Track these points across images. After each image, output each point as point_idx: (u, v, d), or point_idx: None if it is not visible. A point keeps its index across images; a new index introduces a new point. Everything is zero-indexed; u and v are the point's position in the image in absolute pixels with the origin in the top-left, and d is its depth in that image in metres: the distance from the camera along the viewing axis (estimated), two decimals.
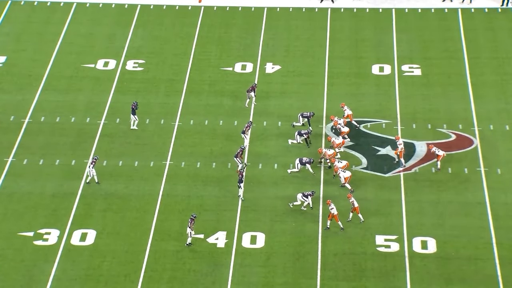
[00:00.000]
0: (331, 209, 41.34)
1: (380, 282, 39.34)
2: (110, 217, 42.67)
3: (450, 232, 41.84)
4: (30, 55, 53.67)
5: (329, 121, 48.16)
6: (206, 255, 40.55)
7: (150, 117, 48.72)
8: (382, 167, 45.62)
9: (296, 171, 44.79)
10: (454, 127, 47.97)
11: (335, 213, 41.26)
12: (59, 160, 46.04)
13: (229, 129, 48.02)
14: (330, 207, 41.43)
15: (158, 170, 45.31)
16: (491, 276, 39.62)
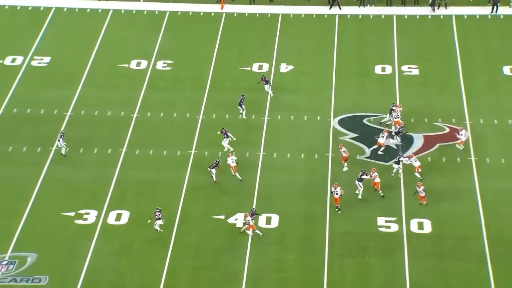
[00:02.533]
0: (375, 177, 41.61)
1: (381, 259, 39.36)
2: (142, 200, 42.70)
3: (444, 214, 41.74)
4: (72, 56, 53.73)
5: (338, 115, 48.04)
6: (226, 234, 40.61)
7: (177, 111, 48.75)
8: (383, 156, 45.47)
9: None
10: (448, 121, 47.74)
11: (378, 181, 41.68)
12: (97, 149, 46.11)
13: (248, 122, 47.92)
14: (374, 174, 41.70)
15: (184, 159, 45.33)
16: (479, 253, 39.53)
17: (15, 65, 52.70)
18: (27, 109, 48.97)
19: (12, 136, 46.91)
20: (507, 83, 50.95)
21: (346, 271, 38.83)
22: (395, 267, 38.88)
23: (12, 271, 38.63)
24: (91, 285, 38.18)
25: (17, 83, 51.14)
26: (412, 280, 38.30)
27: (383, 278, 38.50)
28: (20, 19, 56.85)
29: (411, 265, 38.84)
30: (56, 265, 39.04)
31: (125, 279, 38.47)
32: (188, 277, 38.54)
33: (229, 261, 39.10)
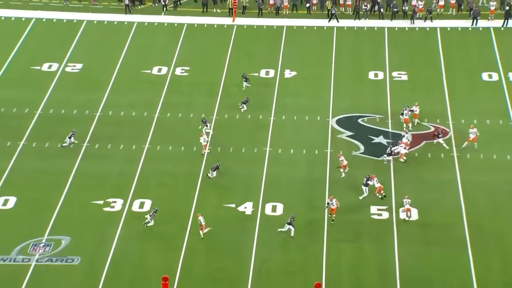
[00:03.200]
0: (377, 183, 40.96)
1: (374, 243, 39.12)
2: (162, 190, 42.52)
3: (429, 203, 41.51)
4: (101, 62, 53.71)
5: (336, 115, 47.91)
6: (237, 220, 40.61)
7: (194, 112, 48.65)
8: (376, 152, 45.35)
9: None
10: (433, 121, 47.66)
11: (378, 186, 40.94)
12: (123, 145, 46.05)
13: (256, 121, 47.91)
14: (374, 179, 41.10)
15: (199, 154, 45.18)
16: (461, 238, 39.40)
17: (51, 71, 52.78)
18: (61, 110, 49.05)
19: (49, 133, 46.98)
20: (485, 88, 50.84)
21: (342, 254, 38.61)
22: (386, 250, 38.65)
23: (48, 252, 38.74)
24: (118, 265, 38.01)
25: (53, 87, 51.21)
26: (401, 262, 38.04)
27: (375, 260, 38.25)
28: (56, 30, 56.89)
29: (400, 249, 38.59)
30: (87, 247, 39.07)
31: (148, 259, 38.25)
32: (203, 257, 38.41)
33: (239, 244, 38.91)
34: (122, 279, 37.23)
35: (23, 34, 56.14)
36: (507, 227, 40.05)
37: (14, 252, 38.52)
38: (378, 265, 38.02)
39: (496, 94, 49.99)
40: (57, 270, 37.77)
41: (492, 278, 36.91)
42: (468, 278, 37.08)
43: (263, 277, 37.25)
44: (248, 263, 37.90)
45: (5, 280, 37.11)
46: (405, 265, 37.79)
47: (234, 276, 37.26)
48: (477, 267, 37.84)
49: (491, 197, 41.88)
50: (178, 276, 37.20)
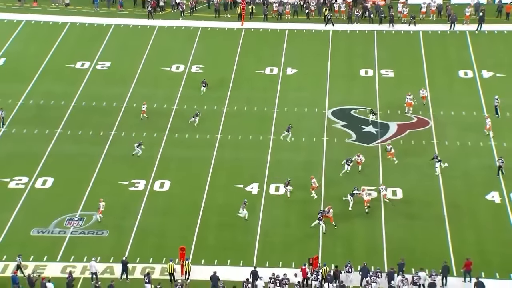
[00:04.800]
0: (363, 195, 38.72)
1: (363, 221, 38.85)
2: (180, 172, 42.44)
3: (412, 184, 41.39)
4: (127, 61, 53.40)
5: (331, 108, 47.67)
6: (245, 198, 39.97)
7: (207, 104, 48.27)
8: (366, 139, 45.11)
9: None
10: (416, 113, 47.23)
11: (367, 199, 38.56)
12: (145, 133, 45.72)
13: (261, 113, 47.60)
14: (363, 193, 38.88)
15: (212, 141, 44.96)
16: (439, 215, 39.28)
17: (84, 68, 52.56)
18: (92, 102, 48.90)
19: (82, 123, 46.82)
20: (461, 83, 50.48)
21: (336, 228, 38.50)
22: (374, 225, 38.59)
23: (81, 226, 38.82)
24: (141, 237, 38.06)
25: (85, 82, 51.00)
26: (387, 234, 38.06)
27: (365, 233, 38.28)
28: (88, 33, 56.60)
29: (387, 223, 38.55)
30: (115, 221, 38.97)
31: (167, 233, 38.32)
32: (215, 230, 38.44)
33: (247, 220, 38.77)
34: (145, 249, 37.28)
35: (60, 36, 55.88)
36: (480, 205, 39.98)
37: (52, 226, 38.68)
38: (368, 237, 38.03)
39: (471, 89, 49.72)
40: (88, 241, 37.93)
41: (467, 249, 36.85)
42: (445, 248, 37.05)
43: (267, 247, 37.33)
44: (254, 235, 37.96)
45: (44, 249, 37.26)
46: (391, 237, 37.79)
47: (242, 246, 37.38)
48: (454, 239, 37.69)
49: (466, 179, 41.79)
50: (194, 246, 37.37)
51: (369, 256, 36.36)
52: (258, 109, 47.99)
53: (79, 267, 36.11)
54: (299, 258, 36.07)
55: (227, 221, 38.92)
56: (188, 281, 35.16)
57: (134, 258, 36.54)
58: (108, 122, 46.76)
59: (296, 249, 37.08)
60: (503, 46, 54.29)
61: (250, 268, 35.10)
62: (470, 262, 34.73)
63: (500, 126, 45.81)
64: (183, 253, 35.79)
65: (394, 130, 45.92)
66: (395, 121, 46.72)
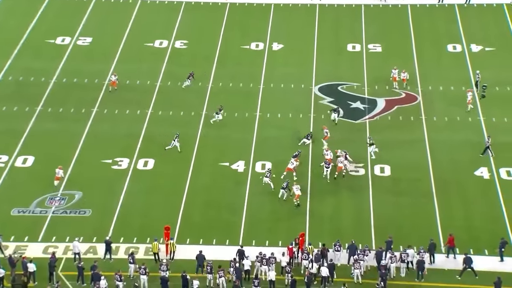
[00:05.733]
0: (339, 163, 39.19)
1: (352, 196, 39.06)
2: (164, 151, 42.01)
3: (400, 160, 41.46)
4: (109, 37, 52.76)
5: (318, 83, 47.48)
6: (230, 177, 40.15)
7: (192, 81, 47.78)
8: (353, 116, 45.07)
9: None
10: (404, 88, 47.25)
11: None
12: (129, 110, 45.41)
13: (247, 89, 47.31)
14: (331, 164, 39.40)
15: (196, 118, 44.80)
16: (427, 191, 39.31)
17: (64, 44, 51.90)
18: (74, 79, 48.36)
19: (63, 100, 46.31)
20: (450, 58, 50.34)
21: (324, 204, 38.55)
22: (362, 201, 38.65)
23: (63, 205, 38.46)
24: (125, 216, 37.84)
25: (66, 58, 50.36)
26: (375, 211, 38.05)
27: (353, 210, 38.34)
28: (68, 7, 55.69)
29: (374, 200, 38.58)
30: (97, 201, 38.69)
31: (151, 212, 38.12)
32: (201, 208, 38.23)
33: (233, 197, 38.76)
34: (129, 228, 37.16)
35: (39, 10, 55.01)
36: (469, 181, 39.97)
37: (33, 205, 38.27)
38: (355, 214, 38.16)
39: (459, 63, 49.64)
40: (71, 220, 37.61)
41: (456, 225, 37.04)
42: (434, 225, 37.16)
43: (254, 224, 37.27)
44: (241, 213, 37.86)
45: (25, 229, 36.93)
46: (379, 214, 37.90)
47: (228, 224, 37.28)
48: (442, 216, 37.85)
49: (454, 155, 41.79)
50: (179, 225, 37.15)
51: (357, 234, 36.38)
52: (244, 86, 47.75)
53: (61, 247, 35.86)
54: (286, 236, 36.04)
55: (213, 200, 38.83)
56: (172, 261, 34.93)
57: (118, 238, 36.33)
58: (89, 99, 46.27)
59: (283, 227, 37.12)
60: (492, 19, 54.17)
61: (237, 247, 35.03)
62: (452, 238, 34.79)
63: (489, 101, 45.78)
64: (168, 233, 35.65)
65: (382, 106, 45.94)
66: (383, 97, 46.68)
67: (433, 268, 34.59)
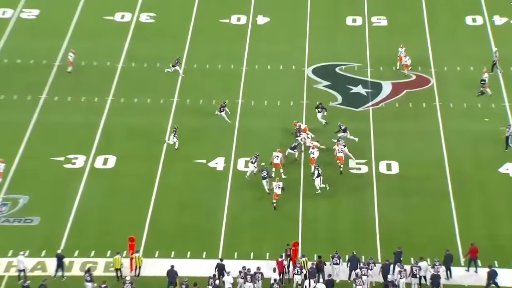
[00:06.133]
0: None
1: (351, 197, 39.25)
2: (128, 145, 42.29)
3: (410, 156, 41.67)
4: (59, 8, 52.62)
5: (312, 64, 47.67)
6: (208, 176, 40.29)
7: (160, 61, 48.05)
8: (354, 102, 45.28)
9: None
10: (414, 69, 47.58)
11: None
12: (84, 97, 45.50)
13: (227, 70, 47.43)
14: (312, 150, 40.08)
15: (166, 106, 44.90)
16: (443, 190, 39.47)
17: (5, 17, 51.66)
18: (17, 59, 48.11)
19: (4, 85, 46.09)
20: (469, 32, 50.71)
21: (320, 208, 38.63)
22: (364, 205, 38.78)
23: (5, 212, 38.17)
24: (80, 225, 37.73)
25: (7, 35, 50.10)
26: (380, 216, 38.10)
27: (353, 215, 38.41)
28: None
29: (380, 203, 38.70)
30: (47, 206, 38.58)
31: (112, 219, 38.08)
32: (173, 214, 38.27)
33: (211, 200, 38.89)
34: (85, 239, 37.03)
35: None
36: (492, 180, 40.06)
37: None
38: (357, 219, 38.28)
39: (480, 39, 49.97)
40: (14, 231, 37.32)
41: (476, 233, 37.03)
42: (451, 232, 37.30)
43: (236, 233, 37.31)
44: (220, 220, 37.95)
45: None
46: (385, 219, 38.07)
47: (205, 233, 37.34)
48: (460, 220, 37.90)
49: (475, 149, 42.18)
50: (146, 235, 37.18)
51: (359, 244, 36.51)
52: (223, 67, 48.05)
53: (2, 263, 35.60)
54: (274, 247, 36.01)
55: (187, 204, 38.88)
56: (138, 278, 34.83)
57: (72, 251, 36.24)
58: (37, 83, 46.14)
59: (271, 236, 37.18)
60: None
61: (216, 261, 35.07)
62: (475, 248, 34.87)
63: None
64: (132, 244, 35.56)
65: (388, 91, 46.25)
66: (389, 80, 47.15)
67: (451, 284, 34.73)
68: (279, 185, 38.28)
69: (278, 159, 39.91)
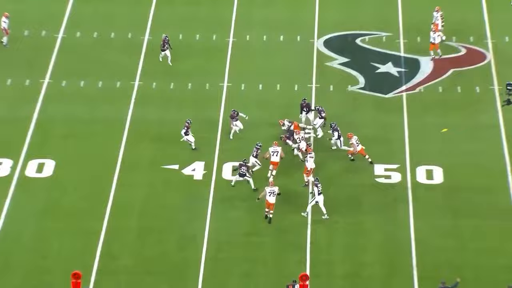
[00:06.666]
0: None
1: (378, 216, 39.22)
2: (72, 145, 42.47)
3: (459, 159, 41.89)
4: None
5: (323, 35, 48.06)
6: (181, 188, 40.36)
7: (115, 30, 48.73)
8: (381, 86, 45.54)
9: None
10: (464, 40, 48.33)
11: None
12: (11, 79, 45.90)
13: (208, 42, 48.14)
14: None
15: (125, 91, 45.25)
16: (506, 209, 39.48)
17: None
18: None
19: None
20: None
21: (334, 232, 38.63)
22: (395, 227, 38.89)
23: None
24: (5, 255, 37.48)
25: None
26: (418, 242, 38.06)
27: (380, 241, 38.43)
28: None
29: (417, 224, 38.81)
30: None
31: (49, 246, 37.97)
32: (133, 241, 38.28)
33: (185, 221, 39.01)
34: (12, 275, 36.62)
35: None
36: None
37: None
38: (386, 247, 38.15)
39: None
40: None
41: None
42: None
43: (220, 266, 37.32)
44: (198, 248, 37.82)
45: None
46: (424, 246, 37.96)
47: (177, 266, 37.26)
48: None
49: None
50: (96, 269, 36.98)
51: (389, 279, 36.68)
52: (203, 38, 48.57)
53: None
54: (273, 285, 36.25)
55: (153, 226, 38.94)
56: None
57: None
58: None
59: (268, 268, 37.17)
60: None
61: None
62: None
63: None
64: (77, 283, 34.80)
65: (428, 70, 46.65)
66: (430, 55, 47.54)
67: None
68: (273, 191, 38.37)
69: (277, 155, 40.00)
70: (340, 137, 41.90)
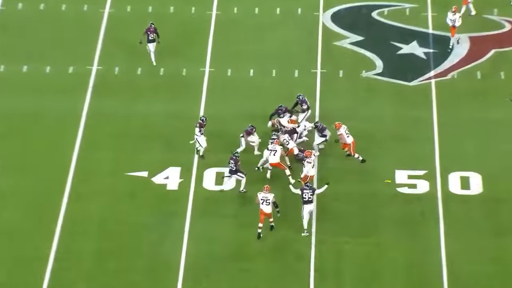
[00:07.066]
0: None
1: (400, 234, 39.46)
2: (12, 146, 42.91)
3: (502, 164, 42.18)
4: None
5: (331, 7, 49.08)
6: (151, 201, 40.42)
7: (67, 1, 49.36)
8: (405, 72, 45.80)
9: None
10: (508, 13, 48.48)
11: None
12: None
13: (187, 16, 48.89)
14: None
15: (81, 78, 45.54)
16: None
17: None
18: None
19: None
20: None
21: (345, 253, 38.80)
22: (424, 246, 39.06)
23: None
24: None
25: None
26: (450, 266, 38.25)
27: (402, 266, 38.60)
28: None
29: (449, 244, 39.02)
30: None
31: None
32: (89, 268, 38.31)
33: (157, 241, 39.21)
34: None
35: None
36: None
37: None
38: (411, 272, 38.35)
39: None
40: None
41: None
42: None
43: None
44: (172, 278, 37.83)
45: None
46: (458, 271, 38.18)
47: None
48: None
49: None
50: None
51: None
52: (178, 11, 49.42)
53: None
54: None
55: (113, 251, 38.97)
56: None
57: None
58: None
59: None
60: None
61: None
62: None
63: None
64: None
65: (463, 51, 47.20)
66: (465, 33, 48.22)
67: None
68: (267, 198, 38.43)
69: (277, 154, 40.19)
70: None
